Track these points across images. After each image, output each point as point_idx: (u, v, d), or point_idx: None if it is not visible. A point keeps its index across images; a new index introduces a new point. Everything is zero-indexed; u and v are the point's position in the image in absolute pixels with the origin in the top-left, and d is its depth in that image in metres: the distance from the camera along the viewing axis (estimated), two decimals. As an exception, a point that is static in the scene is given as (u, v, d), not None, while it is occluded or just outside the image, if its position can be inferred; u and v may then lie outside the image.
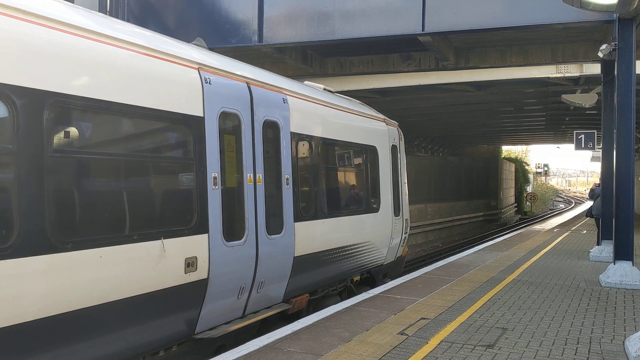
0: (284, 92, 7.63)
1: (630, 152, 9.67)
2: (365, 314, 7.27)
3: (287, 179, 7.42)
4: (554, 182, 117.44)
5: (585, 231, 20.81)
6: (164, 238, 5.38)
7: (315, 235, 8.14)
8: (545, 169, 60.77)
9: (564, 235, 18.99)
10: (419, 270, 11.33)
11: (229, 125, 6.47)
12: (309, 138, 8.11)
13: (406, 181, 12.09)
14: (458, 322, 6.86)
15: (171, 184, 5.90)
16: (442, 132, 38.52)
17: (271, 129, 7.21)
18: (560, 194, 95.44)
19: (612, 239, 10.21)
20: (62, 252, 4.46)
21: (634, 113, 9.66)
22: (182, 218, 5.72)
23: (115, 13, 11.73)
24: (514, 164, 55.10)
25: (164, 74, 5.59)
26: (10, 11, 4.26)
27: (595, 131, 17.97)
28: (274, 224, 7.10)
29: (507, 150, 60.53)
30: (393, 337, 6.24)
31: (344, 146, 9.47)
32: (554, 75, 16.73)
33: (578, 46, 14.31)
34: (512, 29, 11.32)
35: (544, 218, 42.16)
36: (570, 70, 16.41)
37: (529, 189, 61.65)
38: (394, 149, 11.26)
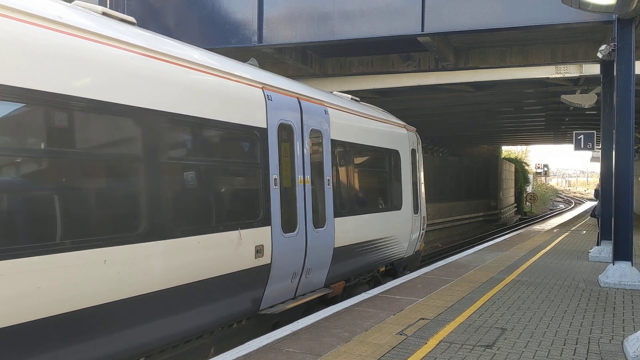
0: (325, 104, 8.80)
1: (630, 153, 9.68)
2: (364, 314, 7.28)
3: (328, 180, 8.60)
4: (553, 182, 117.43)
5: (584, 231, 20.82)
6: (241, 229, 6.50)
7: (350, 229, 9.26)
8: (545, 169, 60.89)
9: (563, 236, 19.00)
10: (419, 270, 11.34)
11: (285, 134, 7.59)
12: (344, 144, 9.26)
13: (423, 181, 13.24)
14: (457, 323, 6.87)
15: (245, 184, 7.16)
16: (442, 132, 38.49)
17: (316, 137, 8.40)
18: (560, 194, 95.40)
19: (611, 239, 10.22)
20: (174, 238, 5.58)
21: (633, 113, 9.66)
22: (253, 212, 6.88)
23: (115, 13, 11.73)
24: (513, 164, 55.10)
25: (240, 93, 6.79)
26: (158, 55, 5.49)
27: (595, 131, 18.01)
28: (318, 219, 8.27)
29: (507, 150, 60.53)
30: (392, 337, 6.25)
31: (372, 150, 10.61)
32: (553, 76, 16.72)
33: (578, 46, 14.32)
34: (512, 29, 11.31)
35: (543, 218, 42.15)
36: (570, 71, 16.39)
37: (529, 189, 61.64)
38: (413, 152, 12.41)
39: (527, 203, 51.13)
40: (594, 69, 15.53)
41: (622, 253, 9.66)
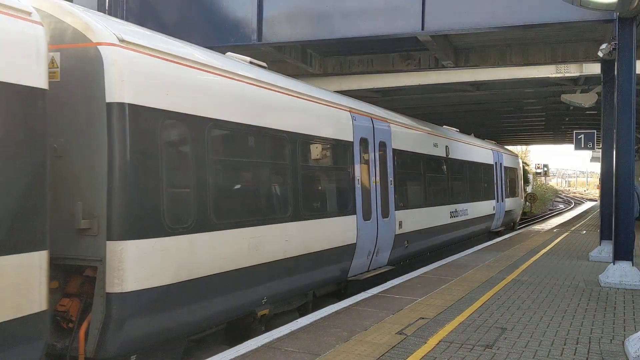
0: (500, 151, 21.46)
1: (631, 152, 9.64)
2: (364, 314, 7.24)
3: (501, 184, 20.78)
4: (553, 182, 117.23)
5: (584, 231, 20.79)
6: (488, 199, 19.22)
7: (508, 204, 21.66)
8: (545, 169, 60.66)
9: (563, 236, 18.96)
10: (418, 270, 11.29)
11: (495, 167, 20.29)
12: (505, 167, 21.49)
13: (522, 183, 27.04)
14: (457, 322, 6.84)
15: (489, 184, 19.35)
16: (442, 131, 38.37)
17: (499, 166, 20.91)
18: (559, 194, 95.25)
19: (611, 239, 10.18)
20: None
21: (634, 113, 9.62)
22: (491, 193, 19.66)
23: (114, 12, 11.68)
24: (513, 164, 54.96)
25: (487, 155, 19.60)
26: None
27: (595, 131, 17.96)
28: (501, 197, 20.72)
29: (507, 150, 60.34)
30: (392, 336, 6.22)
31: (510, 169, 23.09)
32: (553, 75, 16.70)
33: (578, 46, 14.27)
34: (512, 28, 11.27)
35: (543, 218, 42.10)
36: (570, 70, 16.37)
37: (529, 189, 61.50)
38: (519, 168, 25.51)
39: (527, 203, 51.00)
40: (595, 69, 15.50)
41: (623, 253, 9.62)
